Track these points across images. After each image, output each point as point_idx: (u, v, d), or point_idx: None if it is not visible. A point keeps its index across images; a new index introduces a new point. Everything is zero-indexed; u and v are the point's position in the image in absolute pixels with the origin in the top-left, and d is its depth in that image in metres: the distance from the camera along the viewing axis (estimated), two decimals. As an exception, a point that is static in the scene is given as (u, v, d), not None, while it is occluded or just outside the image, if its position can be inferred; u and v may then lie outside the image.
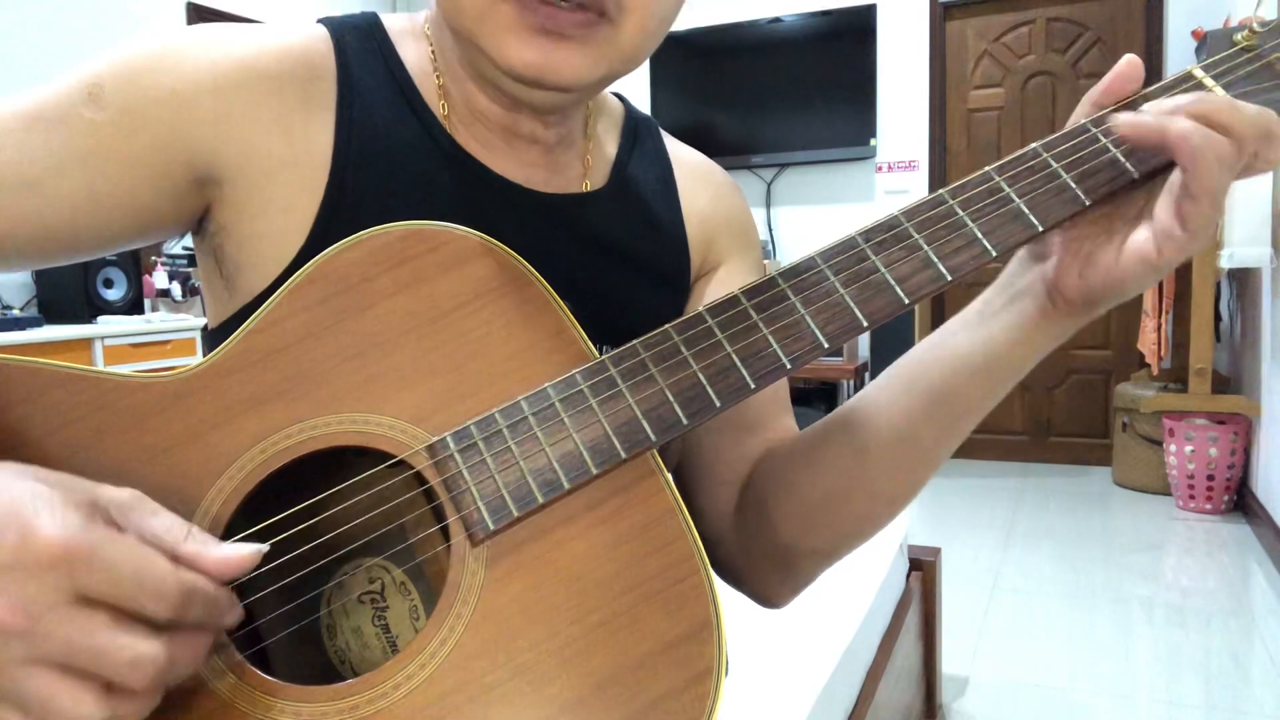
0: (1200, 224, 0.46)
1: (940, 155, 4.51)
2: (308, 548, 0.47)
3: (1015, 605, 2.77)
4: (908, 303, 0.50)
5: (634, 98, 0.71)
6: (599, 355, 0.51)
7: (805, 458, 0.60)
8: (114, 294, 3.49)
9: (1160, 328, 3.68)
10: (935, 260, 0.50)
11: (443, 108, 0.60)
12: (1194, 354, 3.57)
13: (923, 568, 2.03)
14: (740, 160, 4.65)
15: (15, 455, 0.46)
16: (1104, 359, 4.41)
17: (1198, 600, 2.76)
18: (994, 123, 4.47)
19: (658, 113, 4.71)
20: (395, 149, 0.58)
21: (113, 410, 0.48)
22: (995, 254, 0.50)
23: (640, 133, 0.69)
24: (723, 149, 4.64)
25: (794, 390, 4.23)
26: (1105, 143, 0.51)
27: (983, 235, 0.50)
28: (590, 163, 0.65)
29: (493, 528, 0.46)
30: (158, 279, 3.74)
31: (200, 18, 4.03)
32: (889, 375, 0.58)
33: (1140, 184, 0.50)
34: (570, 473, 0.47)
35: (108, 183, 0.53)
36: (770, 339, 0.50)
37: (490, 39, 0.52)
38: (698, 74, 4.79)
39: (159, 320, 3.46)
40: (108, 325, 3.26)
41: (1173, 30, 4.07)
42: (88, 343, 3.13)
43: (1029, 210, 0.50)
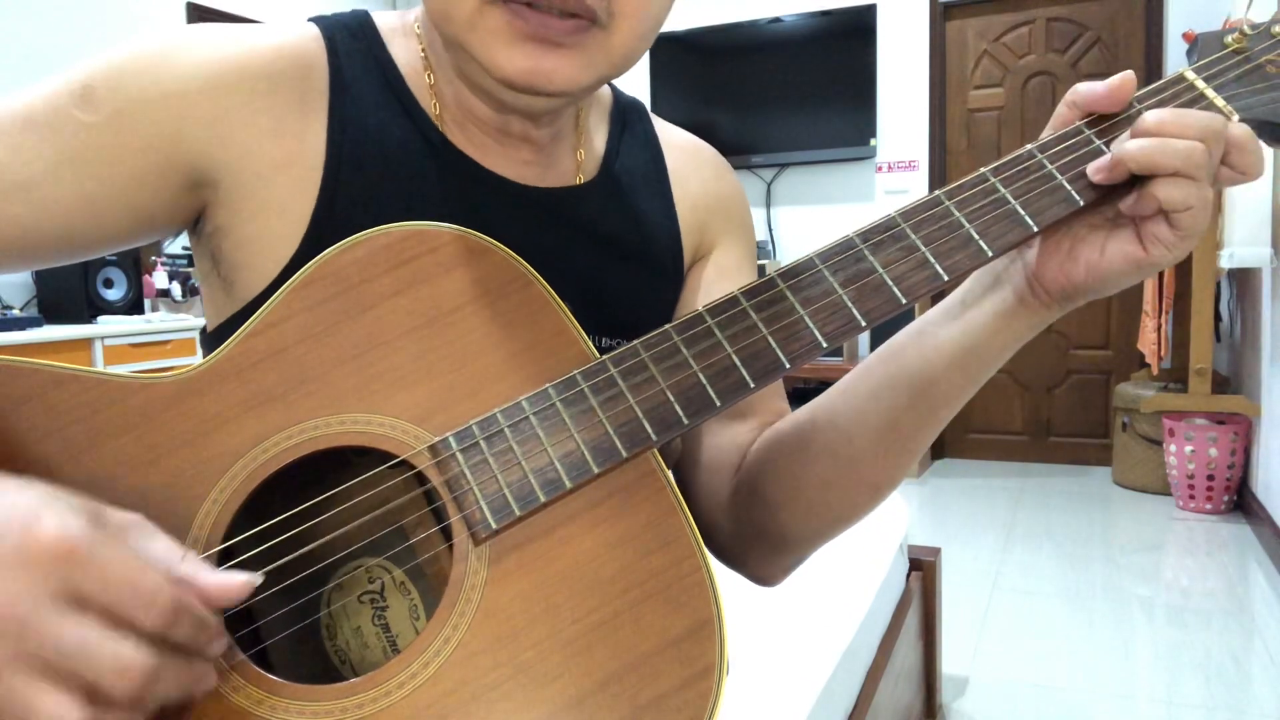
0: (1187, 227, 0.47)
1: (940, 155, 4.51)
2: (309, 548, 0.47)
3: (1015, 605, 2.77)
4: (905, 302, 0.50)
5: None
6: (599, 355, 0.51)
7: (795, 445, 0.60)
8: (114, 294, 3.49)
9: (1160, 328, 3.68)
10: (932, 260, 0.50)
11: (434, 106, 0.60)
12: (1194, 354, 3.57)
13: (923, 568, 2.04)
14: (740, 160, 4.65)
15: (13, 456, 0.46)
16: (1104, 359, 4.41)
17: (1198, 600, 2.76)
18: (994, 123, 4.48)
19: (658, 113, 4.68)
20: (388, 148, 0.58)
21: (112, 412, 0.48)
22: (991, 254, 0.50)
23: (629, 118, 0.70)
24: (723, 149, 4.53)
25: (794, 389, 4.23)
26: (1099, 144, 0.52)
27: (978, 236, 0.50)
28: (582, 156, 0.65)
29: (495, 527, 0.46)
30: (158, 279, 3.73)
31: (200, 18, 4.02)
32: (870, 363, 0.59)
33: (1134, 184, 0.51)
34: (572, 472, 0.47)
35: (101, 185, 0.53)
36: (769, 339, 0.50)
37: (481, 47, 0.52)
38: (698, 74, 4.79)
39: (159, 320, 3.46)
40: (108, 325, 3.26)
41: (1172, 30, 4.07)
42: (88, 343, 3.13)
43: (1024, 211, 0.51)
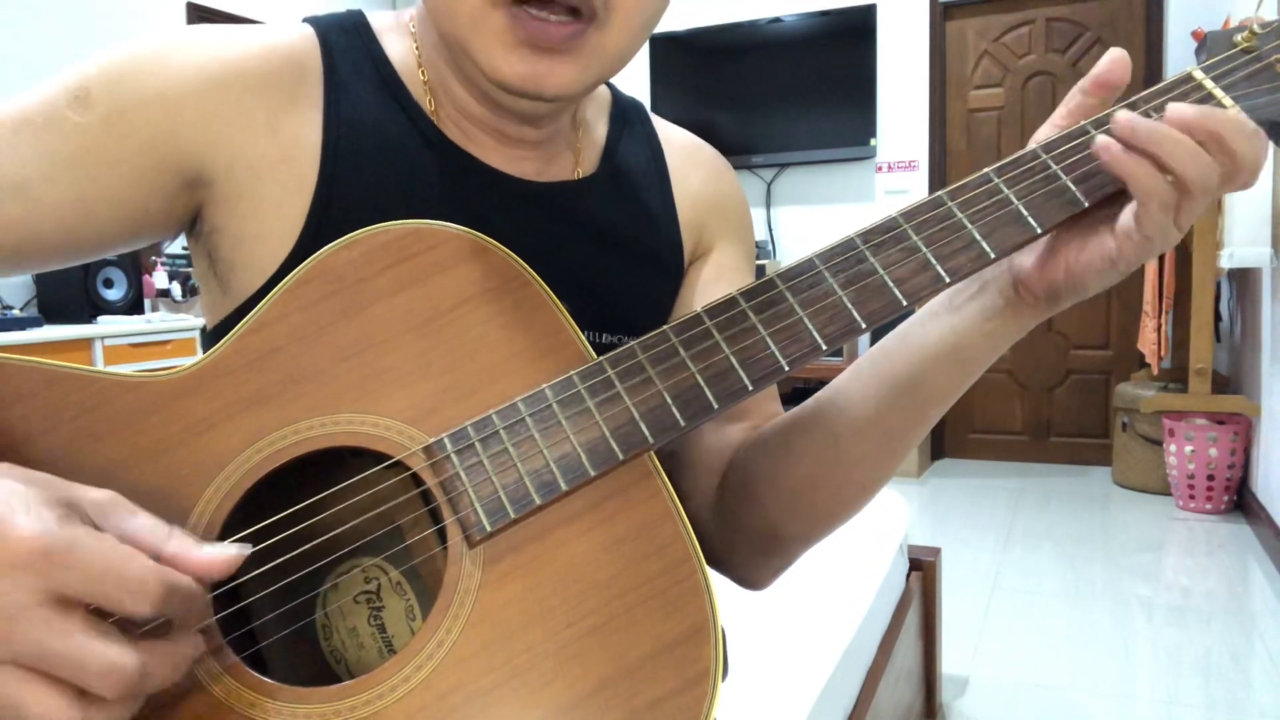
0: (1152, 229, 0.47)
1: (940, 155, 4.50)
2: (304, 549, 0.47)
3: (1015, 605, 2.77)
4: (906, 304, 0.50)
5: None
6: (596, 355, 0.51)
7: (783, 446, 0.60)
8: (114, 294, 3.48)
9: (1160, 327, 3.68)
10: (934, 262, 0.50)
11: (430, 102, 0.60)
12: (1194, 354, 3.56)
13: (923, 568, 2.03)
14: (740, 160, 4.64)
15: (7, 454, 0.45)
16: (1104, 359, 4.41)
17: (1198, 600, 2.76)
18: (994, 123, 4.47)
19: (658, 113, 4.68)
20: (383, 145, 0.58)
21: (107, 410, 0.48)
22: (994, 256, 0.50)
23: (629, 117, 0.70)
24: (723, 149, 4.51)
25: (794, 390, 4.22)
26: None
27: (982, 237, 0.50)
28: (581, 150, 0.65)
29: (490, 529, 0.46)
30: (158, 279, 3.73)
31: (200, 18, 4.02)
32: (860, 365, 0.59)
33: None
34: (568, 474, 0.47)
35: (96, 186, 0.53)
36: (768, 340, 0.50)
37: (481, 48, 0.52)
38: (698, 74, 4.79)
39: (159, 320, 3.46)
40: (108, 325, 3.25)
41: (1173, 30, 4.06)
42: (88, 343, 3.13)
43: (1028, 212, 0.50)
